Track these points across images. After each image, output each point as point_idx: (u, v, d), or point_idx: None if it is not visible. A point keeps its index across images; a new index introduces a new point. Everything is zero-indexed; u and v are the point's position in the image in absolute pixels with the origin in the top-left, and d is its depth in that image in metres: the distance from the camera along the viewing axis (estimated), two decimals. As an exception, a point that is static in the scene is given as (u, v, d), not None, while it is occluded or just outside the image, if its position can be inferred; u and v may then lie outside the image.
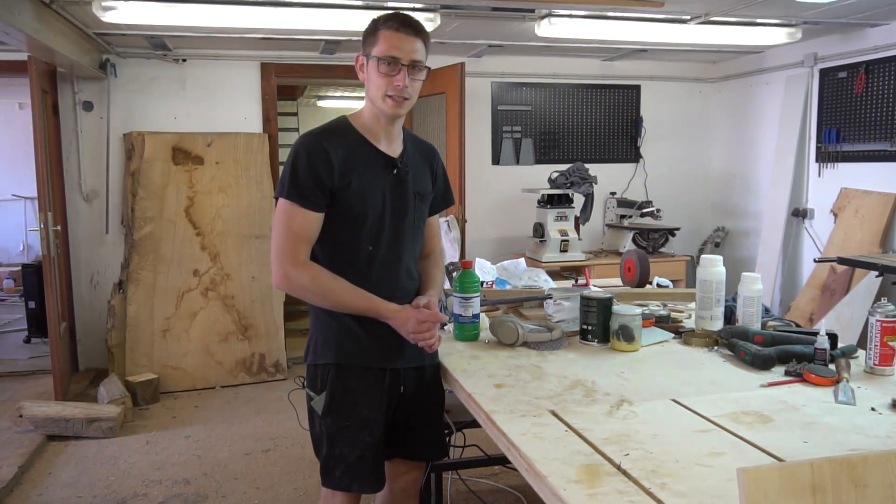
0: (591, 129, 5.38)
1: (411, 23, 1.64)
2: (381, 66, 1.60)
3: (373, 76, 1.63)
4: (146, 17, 3.40)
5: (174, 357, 4.30)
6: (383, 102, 1.63)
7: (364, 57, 1.66)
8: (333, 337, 1.70)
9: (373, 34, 1.64)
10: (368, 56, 1.64)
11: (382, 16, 1.65)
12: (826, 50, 4.51)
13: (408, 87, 1.62)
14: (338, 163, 1.62)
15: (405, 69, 1.60)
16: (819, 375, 1.57)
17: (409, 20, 1.64)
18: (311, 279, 1.63)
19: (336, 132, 1.68)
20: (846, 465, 0.86)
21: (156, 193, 4.37)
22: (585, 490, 1.07)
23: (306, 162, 1.62)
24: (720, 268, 1.98)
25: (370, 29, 1.65)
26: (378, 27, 1.63)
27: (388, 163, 1.70)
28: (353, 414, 1.69)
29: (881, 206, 4.12)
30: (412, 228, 1.76)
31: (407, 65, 1.60)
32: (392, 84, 1.61)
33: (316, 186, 1.61)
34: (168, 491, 2.96)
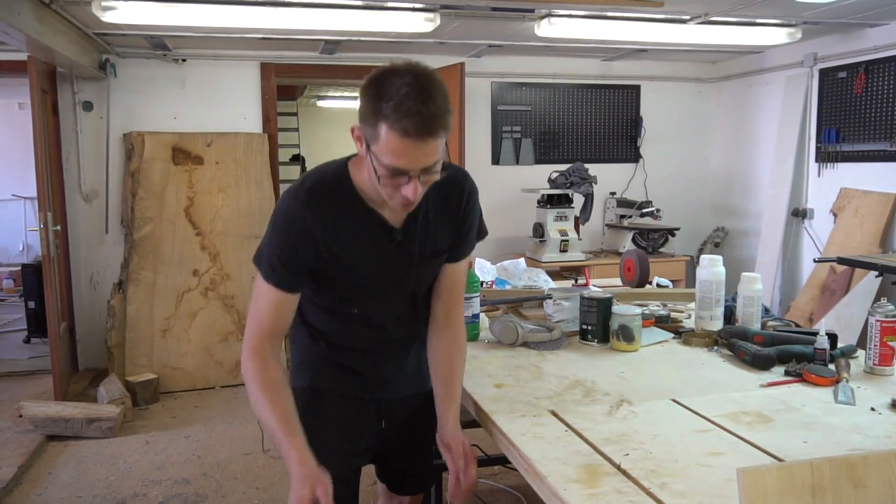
0: (590, 129, 5.38)
1: (426, 123, 1.19)
2: (382, 175, 1.25)
3: (372, 172, 1.27)
4: (146, 17, 3.40)
5: (174, 357, 4.29)
6: (389, 200, 1.31)
7: (362, 136, 1.27)
8: (310, 360, 1.57)
9: (372, 119, 1.21)
10: (367, 146, 1.26)
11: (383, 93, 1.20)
12: (826, 50, 4.51)
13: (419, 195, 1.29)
14: (322, 235, 1.36)
15: (416, 179, 1.25)
16: (819, 375, 1.57)
17: (423, 118, 1.18)
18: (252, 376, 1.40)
19: (327, 191, 1.38)
20: (846, 465, 0.86)
21: (156, 193, 4.37)
22: (585, 490, 1.07)
23: (285, 235, 1.36)
24: (720, 268, 1.98)
25: (368, 110, 1.22)
26: (379, 118, 1.20)
27: (387, 232, 1.41)
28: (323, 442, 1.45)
29: (881, 206, 4.12)
30: (411, 294, 1.52)
31: (417, 175, 1.25)
32: (399, 194, 1.27)
33: (291, 265, 1.37)
34: (168, 491, 2.96)
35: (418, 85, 1.20)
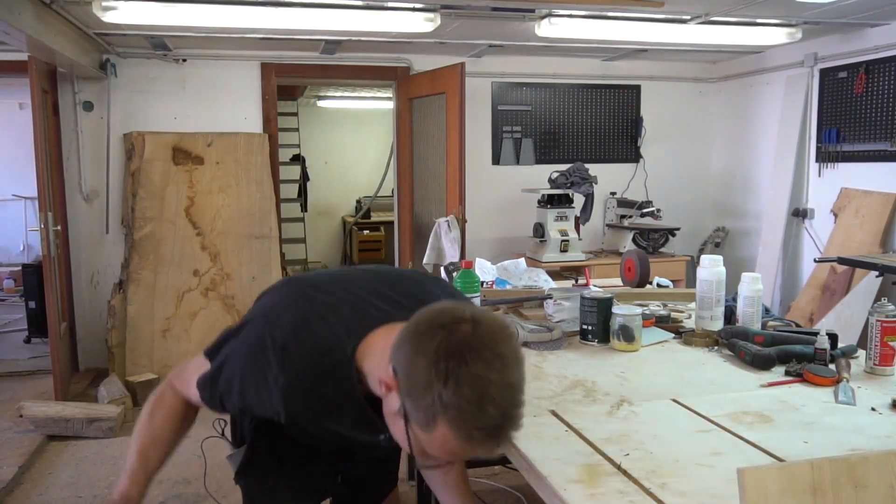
0: (591, 129, 5.37)
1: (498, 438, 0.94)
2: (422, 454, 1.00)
3: (399, 435, 1.01)
4: (146, 17, 3.40)
5: (174, 357, 4.29)
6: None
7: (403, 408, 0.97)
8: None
9: (427, 408, 0.92)
10: (406, 417, 0.97)
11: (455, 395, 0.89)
12: (826, 50, 4.50)
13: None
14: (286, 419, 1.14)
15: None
16: (819, 375, 1.57)
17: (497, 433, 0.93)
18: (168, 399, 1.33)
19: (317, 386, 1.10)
20: (846, 466, 0.86)
21: (156, 193, 4.37)
22: (585, 490, 1.07)
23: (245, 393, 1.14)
24: (720, 268, 1.98)
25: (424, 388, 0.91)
26: (442, 413, 0.90)
27: (374, 438, 1.18)
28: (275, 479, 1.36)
29: (881, 206, 4.12)
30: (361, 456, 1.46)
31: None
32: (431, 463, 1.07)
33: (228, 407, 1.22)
34: (168, 491, 2.96)
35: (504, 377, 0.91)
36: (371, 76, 5.06)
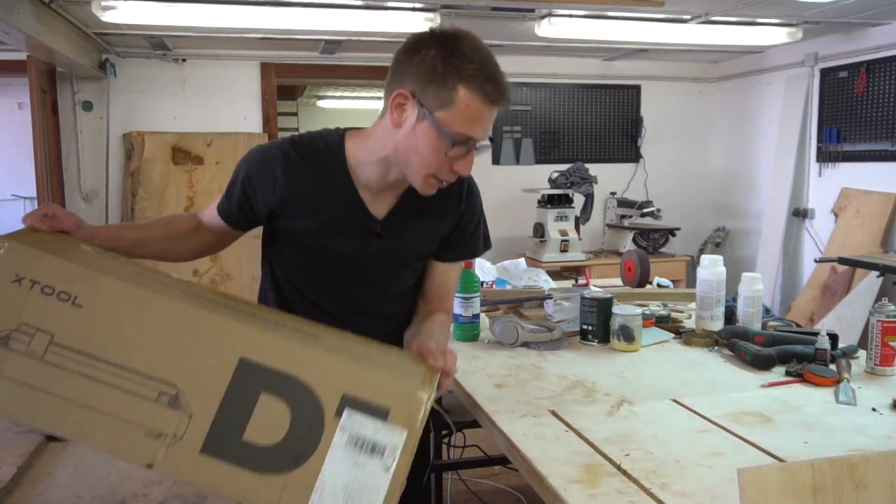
0: (591, 129, 5.37)
1: (504, 93, 1.14)
2: (447, 140, 1.13)
3: (421, 143, 1.15)
4: (146, 16, 3.40)
5: (174, 357, 4.29)
6: (421, 179, 1.20)
7: (416, 103, 1.14)
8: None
9: (445, 84, 1.11)
10: (428, 111, 1.13)
11: (462, 56, 1.11)
12: (827, 50, 4.50)
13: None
14: (282, 194, 1.26)
15: (473, 150, 1.18)
16: (820, 375, 1.56)
17: (502, 88, 1.14)
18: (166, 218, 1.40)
19: (313, 155, 1.28)
20: (847, 466, 0.86)
21: (156, 193, 4.37)
22: (585, 490, 1.07)
23: (245, 175, 1.29)
24: (720, 268, 1.98)
25: (440, 72, 1.11)
26: (458, 79, 1.11)
27: (366, 223, 1.29)
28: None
29: (882, 206, 4.12)
30: (378, 295, 1.38)
31: (478, 147, 1.18)
32: (451, 167, 1.18)
33: (239, 204, 1.31)
34: (168, 491, 2.96)
35: (489, 52, 1.14)
36: (371, 76, 5.06)
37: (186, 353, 0.96)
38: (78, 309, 0.95)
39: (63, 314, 0.95)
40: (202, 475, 0.96)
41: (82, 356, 0.94)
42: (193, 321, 0.97)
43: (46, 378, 0.93)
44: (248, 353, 0.96)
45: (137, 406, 0.94)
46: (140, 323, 0.96)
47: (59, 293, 0.95)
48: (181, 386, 0.94)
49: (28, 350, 0.93)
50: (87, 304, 0.95)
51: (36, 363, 0.93)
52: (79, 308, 0.95)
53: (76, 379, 0.94)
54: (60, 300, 0.94)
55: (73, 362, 0.94)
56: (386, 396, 0.96)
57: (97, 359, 0.94)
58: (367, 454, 0.94)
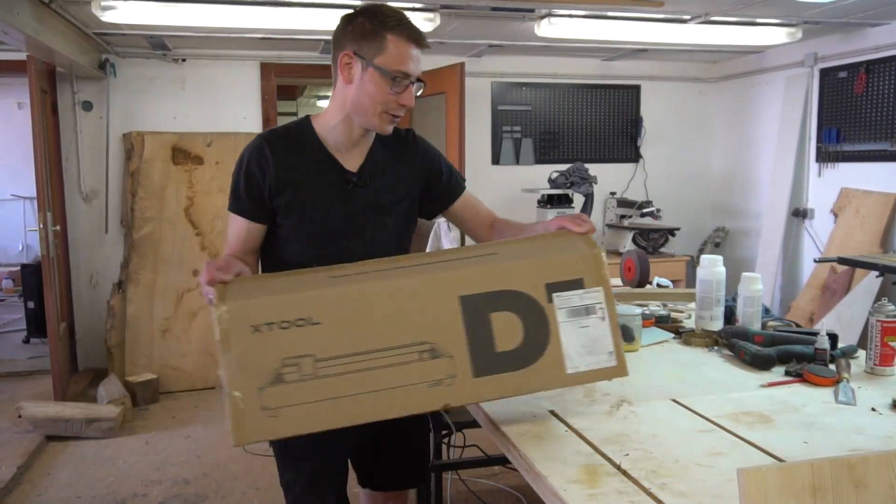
0: (591, 129, 5.37)
1: (422, 34, 1.45)
2: (386, 79, 1.41)
3: (370, 88, 1.42)
4: (146, 16, 3.40)
5: (174, 357, 4.29)
6: (377, 118, 1.45)
7: (358, 59, 1.43)
8: None
9: (377, 37, 1.41)
10: (367, 62, 1.41)
11: (383, 14, 1.42)
12: (826, 50, 4.50)
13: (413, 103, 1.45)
14: (274, 170, 1.47)
15: (412, 85, 1.44)
16: (819, 375, 1.57)
17: (420, 32, 1.45)
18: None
19: (288, 136, 1.52)
20: (846, 466, 0.86)
21: (155, 193, 4.37)
22: (585, 490, 1.07)
23: (246, 166, 1.48)
24: (720, 268, 1.98)
25: (370, 29, 1.42)
26: (384, 30, 1.41)
27: (342, 176, 1.52)
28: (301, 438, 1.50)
29: (881, 206, 4.12)
30: (371, 244, 1.53)
31: (414, 81, 1.44)
32: (396, 102, 1.43)
33: (249, 195, 1.48)
34: (168, 491, 2.96)
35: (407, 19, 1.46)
36: (371, 76, 5.06)
37: (419, 315, 1.15)
38: (318, 326, 1.11)
39: (309, 335, 1.11)
40: (485, 392, 1.18)
41: (345, 358, 1.11)
42: (406, 289, 1.16)
43: (329, 388, 1.10)
44: (462, 291, 1.17)
45: (409, 370, 1.13)
46: (369, 312, 1.13)
47: (295, 322, 1.10)
48: (431, 339, 1.15)
49: (302, 376, 1.10)
50: (321, 319, 1.11)
51: (314, 382, 1.10)
52: (318, 325, 1.11)
53: (352, 376, 1.11)
54: (299, 326, 1.10)
55: (342, 366, 1.11)
56: (573, 270, 1.22)
57: (357, 354, 1.11)
58: (584, 316, 1.22)
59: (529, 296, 1.19)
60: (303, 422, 1.11)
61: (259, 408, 1.09)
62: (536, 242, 1.32)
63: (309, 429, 1.12)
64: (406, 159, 1.60)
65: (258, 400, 1.09)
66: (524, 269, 1.20)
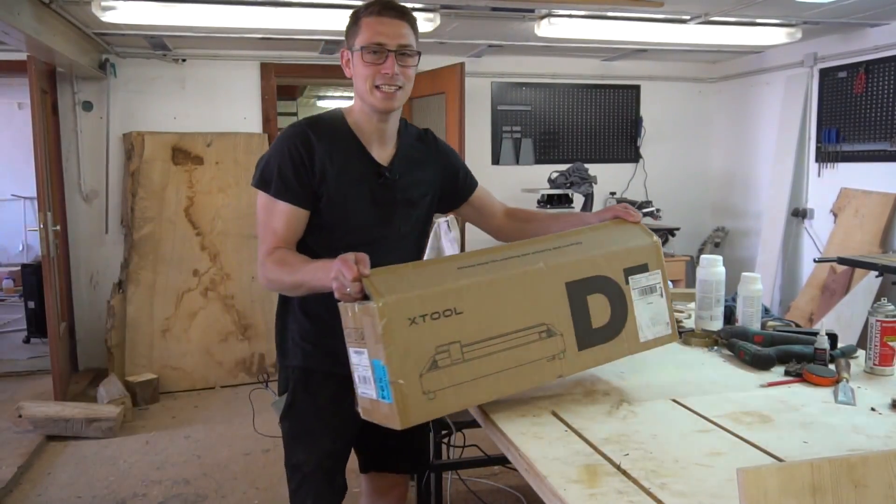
0: (590, 129, 5.38)
1: (394, 6, 1.51)
2: (365, 56, 1.48)
3: (358, 68, 1.51)
4: (146, 16, 3.40)
5: (174, 357, 4.29)
6: (371, 95, 1.50)
7: (349, 51, 1.54)
8: (296, 338, 1.62)
9: (355, 24, 1.52)
10: (352, 49, 1.52)
11: (363, 4, 1.53)
12: (826, 50, 4.51)
13: (398, 74, 1.48)
14: (319, 158, 1.52)
15: (392, 55, 1.47)
16: (819, 375, 1.57)
17: (392, 3, 1.52)
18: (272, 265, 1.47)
19: (326, 124, 1.57)
20: (846, 466, 0.86)
21: (155, 193, 4.37)
22: (585, 490, 1.07)
23: (292, 148, 1.51)
24: (720, 268, 1.98)
25: (351, 21, 1.54)
26: (359, 16, 1.52)
27: (375, 169, 1.58)
28: (314, 420, 1.59)
29: (881, 206, 4.12)
30: (399, 236, 1.62)
31: (394, 50, 1.47)
32: (379, 72, 1.48)
33: (297, 179, 1.50)
34: (168, 491, 2.96)
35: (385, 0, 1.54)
36: (371, 76, 5.06)
37: (536, 300, 1.34)
38: (461, 315, 1.26)
39: (455, 324, 1.25)
40: (588, 362, 1.41)
41: (484, 342, 1.28)
42: (526, 278, 1.34)
43: (474, 370, 1.27)
44: (567, 278, 1.39)
45: (531, 349, 1.33)
46: (498, 299, 1.30)
47: (444, 312, 1.24)
48: (546, 321, 1.35)
49: (452, 361, 1.25)
50: (464, 308, 1.26)
51: (462, 365, 1.26)
52: (461, 314, 1.26)
53: (490, 358, 1.29)
54: (447, 316, 1.25)
55: (482, 349, 1.28)
56: (641, 257, 1.48)
57: (493, 338, 1.29)
58: (649, 294, 1.49)
59: (614, 279, 1.44)
60: (454, 401, 1.26)
61: (421, 392, 1.22)
62: (608, 234, 1.55)
63: (458, 407, 1.27)
64: (427, 156, 1.69)
65: (419, 385, 1.22)
66: (610, 257, 1.44)
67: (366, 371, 1.26)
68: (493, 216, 1.81)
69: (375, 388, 1.24)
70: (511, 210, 1.83)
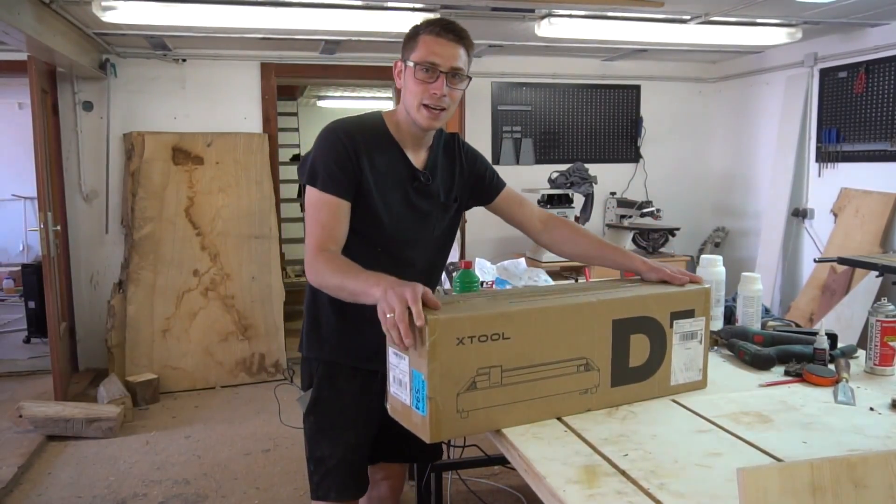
0: (591, 129, 5.38)
1: (454, 28, 1.53)
2: (417, 73, 1.51)
3: (409, 83, 1.53)
4: (146, 16, 3.40)
5: (174, 357, 4.29)
6: (418, 112, 1.53)
7: (402, 63, 1.57)
8: (324, 332, 1.64)
9: (413, 39, 1.55)
10: (406, 62, 1.55)
11: (425, 21, 1.56)
12: (826, 50, 4.50)
13: (446, 95, 1.51)
14: (362, 154, 1.55)
15: (444, 76, 1.50)
16: (819, 375, 1.57)
17: (452, 25, 1.53)
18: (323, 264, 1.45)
19: (367, 127, 1.60)
20: (846, 466, 0.86)
21: (156, 193, 4.37)
22: (584, 490, 1.07)
23: (338, 145, 1.54)
24: (720, 268, 1.98)
25: (411, 34, 1.56)
26: (419, 32, 1.54)
27: (412, 173, 1.62)
28: (339, 414, 1.63)
29: (881, 206, 4.12)
30: (431, 239, 1.68)
31: (446, 72, 1.50)
32: (429, 92, 1.50)
33: (343, 172, 1.52)
34: (168, 491, 2.96)
35: (447, 19, 1.58)
36: (371, 76, 5.07)
37: (581, 332, 1.35)
38: (507, 340, 1.27)
39: (500, 349, 1.26)
40: (616, 399, 1.41)
41: (525, 369, 1.29)
42: (576, 310, 1.35)
43: (509, 395, 1.28)
44: (615, 315, 1.38)
45: (567, 381, 1.35)
46: (545, 328, 1.31)
47: (491, 336, 1.25)
48: (587, 355, 1.36)
49: (490, 384, 1.26)
50: (511, 334, 1.27)
51: (499, 389, 1.27)
52: (508, 339, 1.27)
53: (526, 385, 1.30)
54: (493, 340, 1.25)
55: (521, 376, 1.29)
56: (688, 302, 1.48)
57: (534, 366, 1.30)
58: (689, 340, 1.49)
59: (659, 322, 1.44)
60: (485, 422, 1.28)
61: (455, 410, 1.24)
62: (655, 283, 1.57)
63: (487, 428, 1.29)
64: (455, 161, 1.73)
65: (455, 403, 1.23)
66: (659, 299, 1.45)
67: (403, 376, 1.28)
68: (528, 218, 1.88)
69: (410, 396, 1.26)
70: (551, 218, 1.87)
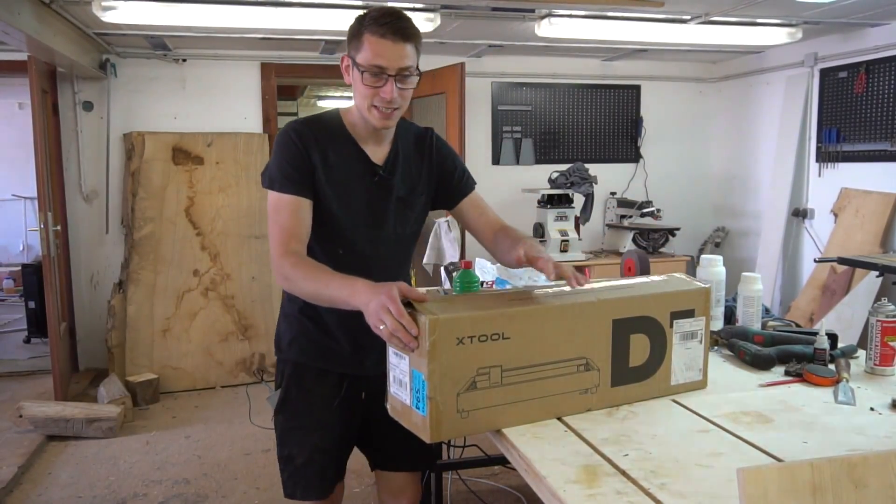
0: (591, 129, 5.37)
1: (399, 26, 1.46)
2: (365, 78, 1.46)
3: (358, 85, 1.50)
4: (146, 16, 3.40)
5: (174, 357, 4.30)
6: (370, 113, 1.51)
7: (349, 59, 1.52)
8: (294, 334, 1.64)
9: (357, 37, 1.48)
10: (353, 61, 1.50)
11: (368, 14, 1.48)
12: (826, 50, 4.50)
13: (396, 97, 1.47)
14: (314, 151, 1.54)
15: (392, 79, 1.45)
16: (819, 375, 1.57)
17: (397, 24, 1.46)
18: (290, 268, 1.45)
19: (322, 123, 1.58)
20: (846, 466, 0.86)
21: (156, 193, 4.37)
22: (584, 490, 1.07)
23: (290, 146, 1.53)
24: (720, 268, 1.98)
25: (354, 29, 1.49)
26: (362, 29, 1.47)
27: (369, 168, 1.59)
28: (306, 414, 1.62)
29: (881, 206, 4.12)
30: (393, 235, 1.63)
31: (394, 75, 1.45)
32: (378, 95, 1.47)
33: (297, 171, 1.51)
34: (168, 491, 2.96)
35: (391, 10, 1.49)
36: (371, 76, 5.06)
37: (581, 332, 1.34)
38: (507, 340, 1.26)
39: (500, 348, 1.26)
40: (616, 399, 1.41)
41: (525, 369, 1.28)
42: (576, 310, 1.34)
43: (509, 395, 1.28)
44: (615, 315, 1.38)
45: (567, 381, 1.34)
46: (544, 328, 1.30)
47: (491, 336, 1.25)
48: (587, 355, 1.35)
49: (490, 384, 1.26)
50: (511, 334, 1.26)
51: (499, 388, 1.27)
52: (508, 339, 1.26)
53: (526, 384, 1.30)
54: (493, 340, 1.25)
55: (521, 376, 1.28)
56: (688, 302, 1.47)
57: (534, 366, 1.29)
58: (689, 339, 1.48)
59: (659, 321, 1.44)
60: (485, 422, 1.27)
61: (455, 410, 1.23)
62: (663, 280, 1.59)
63: (487, 428, 1.29)
64: (424, 156, 1.68)
65: (455, 403, 1.23)
66: (659, 299, 1.44)
67: (403, 376, 1.28)
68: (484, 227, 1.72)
69: (410, 396, 1.26)
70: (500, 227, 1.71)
